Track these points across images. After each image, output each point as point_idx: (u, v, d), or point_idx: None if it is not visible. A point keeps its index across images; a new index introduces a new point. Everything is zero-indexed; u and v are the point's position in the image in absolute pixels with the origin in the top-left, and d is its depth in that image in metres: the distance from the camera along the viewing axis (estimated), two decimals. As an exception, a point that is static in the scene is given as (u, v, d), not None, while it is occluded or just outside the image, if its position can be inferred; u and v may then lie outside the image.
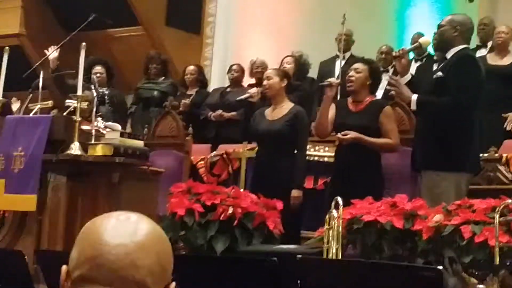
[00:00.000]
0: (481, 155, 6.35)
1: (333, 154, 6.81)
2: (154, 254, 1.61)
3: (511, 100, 7.99)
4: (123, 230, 1.62)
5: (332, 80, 6.74)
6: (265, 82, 6.83)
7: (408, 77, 6.13)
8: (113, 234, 1.60)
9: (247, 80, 9.72)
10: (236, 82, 9.55)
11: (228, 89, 9.53)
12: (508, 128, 7.94)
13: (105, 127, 6.33)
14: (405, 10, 12.31)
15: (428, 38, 7.13)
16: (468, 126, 5.91)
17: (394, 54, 6.34)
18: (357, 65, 6.44)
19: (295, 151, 6.71)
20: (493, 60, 8.34)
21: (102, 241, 1.60)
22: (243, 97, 6.88)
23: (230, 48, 11.75)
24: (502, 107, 7.91)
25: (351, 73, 6.40)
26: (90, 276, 1.58)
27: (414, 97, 5.94)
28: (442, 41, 6.13)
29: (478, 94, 5.98)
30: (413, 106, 6.00)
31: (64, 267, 1.64)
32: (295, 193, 6.53)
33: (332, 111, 6.46)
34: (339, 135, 6.25)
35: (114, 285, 1.57)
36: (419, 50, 8.44)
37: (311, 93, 8.93)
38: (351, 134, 6.17)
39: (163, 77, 9.73)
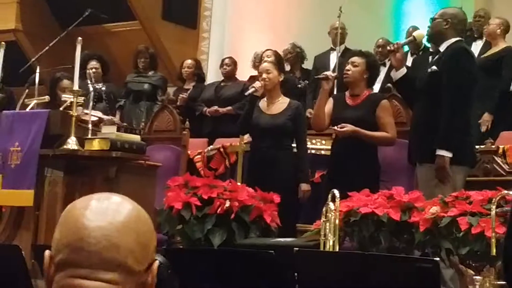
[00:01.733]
0: (477, 147, 6.35)
1: (330, 147, 6.82)
2: (133, 234, 1.62)
3: (486, 91, 7.95)
4: (103, 212, 1.62)
5: (329, 73, 6.73)
6: (264, 75, 6.78)
7: (403, 70, 6.13)
8: (92, 217, 1.61)
9: (242, 73, 9.72)
10: (229, 75, 9.54)
11: (222, 84, 9.52)
12: (483, 130, 7.95)
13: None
14: (402, 3, 12.30)
15: (422, 32, 7.11)
16: (463, 120, 5.90)
17: (388, 48, 6.33)
18: (355, 59, 6.42)
19: (292, 145, 6.72)
20: (483, 51, 8.44)
21: (82, 225, 1.60)
22: (250, 91, 6.85)
23: (226, 42, 11.74)
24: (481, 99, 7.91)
25: (348, 66, 6.39)
26: (71, 260, 1.59)
27: (447, 153, 5.80)
28: (435, 34, 6.13)
29: (472, 88, 5.98)
30: (449, 155, 5.89)
31: (47, 252, 1.64)
32: (304, 186, 6.56)
33: (329, 104, 6.46)
34: (336, 128, 6.26)
35: (96, 267, 1.58)
36: (414, 43, 8.44)
37: (295, 87, 8.97)
38: (349, 127, 6.17)
39: (153, 71, 9.73)
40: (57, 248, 1.62)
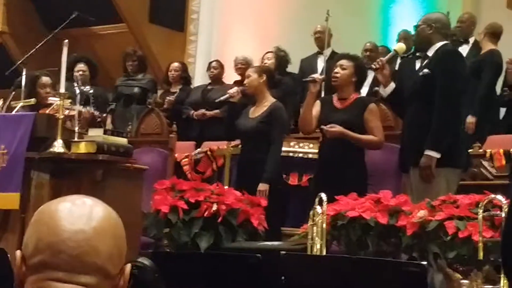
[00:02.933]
0: (466, 150, 6.36)
1: (317, 150, 6.81)
2: (112, 239, 1.63)
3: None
4: (81, 215, 1.62)
5: (316, 76, 6.74)
6: (245, 81, 6.91)
7: (392, 86, 6.13)
8: (71, 219, 1.61)
9: (229, 77, 9.71)
10: (216, 79, 9.53)
11: (210, 87, 9.51)
12: (470, 133, 7.78)
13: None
14: (389, 7, 12.30)
15: (402, 44, 7.09)
16: (456, 122, 5.91)
17: (373, 67, 6.29)
18: (343, 62, 6.42)
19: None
20: (470, 56, 8.50)
21: (62, 227, 1.60)
22: (223, 98, 6.89)
23: (214, 45, 11.74)
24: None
25: (337, 69, 6.39)
26: (50, 262, 1.59)
27: (436, 154, 5.82)
28: (420, 40, 6.15)
29: (464, 90, 5.99)
30: (437, 156, 5.84)
31: (18, 253, 1.64)
32: (261, 186, 6.57)
33: (317, 107, 6.45)
34: (325, 127, 6.22)
35: (75, 271, 1.58)
36: (396, 57, 8.42)
37: (294, 87, 8.94)
38: (337, 128, 6.16)
39: (142, 74, 9.71)
40: (34, 250, 1.61)
